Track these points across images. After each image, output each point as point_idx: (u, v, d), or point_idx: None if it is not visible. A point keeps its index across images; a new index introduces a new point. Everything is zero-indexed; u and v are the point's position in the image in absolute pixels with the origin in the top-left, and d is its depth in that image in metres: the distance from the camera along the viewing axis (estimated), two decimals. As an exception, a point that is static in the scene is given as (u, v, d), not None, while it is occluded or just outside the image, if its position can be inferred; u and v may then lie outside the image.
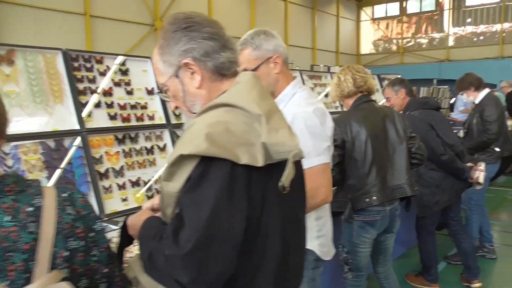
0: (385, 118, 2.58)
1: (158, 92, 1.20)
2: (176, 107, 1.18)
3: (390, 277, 2.80)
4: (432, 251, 3.58)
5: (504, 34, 20.03)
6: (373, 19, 24.07)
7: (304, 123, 1.66)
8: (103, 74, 2.78)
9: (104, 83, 2.77)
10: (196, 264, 0.91)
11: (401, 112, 3.37)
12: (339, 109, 4.97)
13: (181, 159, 0.96)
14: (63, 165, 2.43)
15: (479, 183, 3.41)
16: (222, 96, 1.06)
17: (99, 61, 2.79)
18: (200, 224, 0.92)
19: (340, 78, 2.60)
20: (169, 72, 1.14)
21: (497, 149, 4.00)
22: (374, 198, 2.45)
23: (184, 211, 0.96)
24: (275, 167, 1.00)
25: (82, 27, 11.29)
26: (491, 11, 20.55)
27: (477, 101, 4.10)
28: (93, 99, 2.69)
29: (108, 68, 2.82)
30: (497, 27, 20.40)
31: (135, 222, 1.15)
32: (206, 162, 0.95)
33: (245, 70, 1.72)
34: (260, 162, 0.97)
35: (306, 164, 1.65)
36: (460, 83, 4.24)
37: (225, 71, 1.12)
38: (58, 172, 2.39)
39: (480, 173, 3.41)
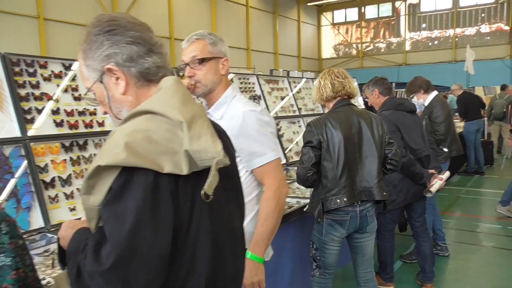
0: (362, 121, 2.62)
1: (84, 97, 1.15)
2: (106, 112, 1.14)
3: (369, 283, 2.79)
4: (390, 249, 3.64)
5: (456, 39, 20.92)
6: (333, 24, 24.58)
7: (256, 121, 1.74)
8: (47, 79, 2.67)
9: (59, 90, 2.70)
10: (119, 280, 0.88)
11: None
12: (297, 113, 5.01)
13: (100, 171, 0.92)
14: (17, 174, 2.35)
15: (429, 191, 3.45)
16: (144, 103, 1.02)
17: (43, 66, 2.68)
18: (121, 238, 0.88)
19: (321, 82, 2.69)
20: (93, 77, 1.09)
21: (445, 149, 4.14)
22: (345, 199, 2.52)
23: (106, 225, 0.91)
24: (204, 175, 0.98)
25: (35, 31, 10.91)
26: (444, 16, 21.44)
27: (426, 103, 4.25)
28: (49, 106, 2.62)
29: (53, 73, 2.71)
30: (450, 32, 21.28)
31: (72, 226, 1.10)
32: (127, 173, 0.91)
33: (194, 57, 1.76)
34: (184, 170, 0.94)
35: (264, 159, 1.73)
36: (410, 86, 4.38)
37: (151, 77, 1.09)
38: (12, 182, 2.31)
39: (437, 181, 3.45)
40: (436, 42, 21.89)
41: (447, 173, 3.59)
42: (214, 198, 0.99)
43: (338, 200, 2.52)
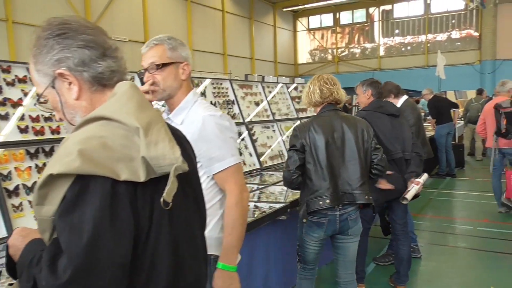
0: (345, 127, 2.69)
1: (37, 104, 1.11)
2: (61, 119, 1.10)
3: (349, 285, 2.85)
4: (361, 249, 3.66)
5: (428, 45, 21.41)
6: (309, 30, 24.82)
7: (216, 125, 1.73)
8: (11, 84, 2.59)
9: (29, 96, 2.63)
10: None
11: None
12: (271, 118, 5.01)
13: (52, 180, 0.89)
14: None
15: (405, 198, 3.47)
16: (98, 109, 1.00)
17: (6, 70, 2.60)
18: (79, 249, 0.85)
19: (310, 87, 2.79)
20: (44, 83, 1.06)
21: None
22: (328, 201, 2.59)
23: (61, 236, 0.88)
24: (163, 182, 0.96)
25: (3, 34, 10.62)
26: (416, 23, 21.91)
27: (397, 107, 4.32)
28: (18, 112, 2.55)
29: (17, 77, 2.63)
30: (422, 38, 21.77)
31: (25, 235, 1.06)
32: (82, 181, 0.88)
33: (152, 63, 1.75)
34: (142, 177, 0.92)
35: (223, 164, 1.73)
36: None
37: (105, 81, 1.06)
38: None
39: (414, 187, 3.46)
40: (409, 47, 22.34)
41: (425, 176, 3.61)
42: (174, 205, 0.97)
43: (320, 202, 2.59)
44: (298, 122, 5.26)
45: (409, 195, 3.46)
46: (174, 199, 0.96)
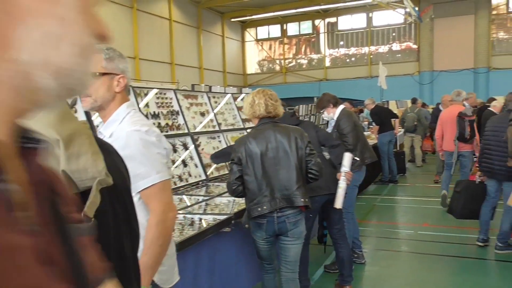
0: (279, 136, 2.90)
1: None
2: None
3: (290, 283, 3.02)
4: (302, 258, 3.69)
5: (371, 56, 22.30)
6: (257, 40, 25.11)
7: (140, 141, 1.68)
8: None
9: None
10: None
11: None
12: (217, 128, 4.98)
13: None
14: None
15: (336, 208, 3.62)
16: None
17: None
18: None
19: (255, 100, 2.94)
20: None
21: (357, 158, 4.30)
22: (265, 207, 2.82)
23: None
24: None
25: None
26: (360, 35, 22.78)
27: (335, 117, 4.47)
28: None
29: None
30: (365, 49, 22.64)
31: None
32: None
33: None
34: None
35: (147, 182, 1.68)
36: (320, 102, 4.61)
37: None
38: None
39: (338, 191, 3.58)
40: (353, 58, 23.15)
41: (347, 158, 3.64)
42: (101, 222, 0.91)
43: (259, 209, 2.82)
44: (245, 132, 5.26)
45: (338, 203, 3.60)
46: (100, 215, 0.91)
